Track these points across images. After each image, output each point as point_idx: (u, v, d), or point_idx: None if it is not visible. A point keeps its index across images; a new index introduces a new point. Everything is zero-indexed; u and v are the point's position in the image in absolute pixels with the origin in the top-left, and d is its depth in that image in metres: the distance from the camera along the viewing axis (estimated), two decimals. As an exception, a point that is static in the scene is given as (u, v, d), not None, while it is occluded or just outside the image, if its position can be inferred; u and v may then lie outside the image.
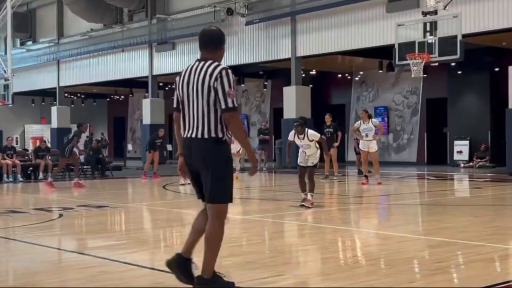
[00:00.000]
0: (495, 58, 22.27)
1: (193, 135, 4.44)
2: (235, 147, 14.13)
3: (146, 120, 28.12)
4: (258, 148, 22.81)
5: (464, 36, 16.47)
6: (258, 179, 17.57)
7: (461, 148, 22.99)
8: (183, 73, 4.57)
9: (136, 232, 8.02)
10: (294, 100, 22.10)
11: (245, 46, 23.69)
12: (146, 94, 29.58)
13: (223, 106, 4.33)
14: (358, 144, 15.79)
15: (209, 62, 4.46)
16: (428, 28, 16.46)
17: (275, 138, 25.75)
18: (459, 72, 22.64)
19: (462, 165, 22.30)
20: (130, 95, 35.20)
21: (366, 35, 20.07)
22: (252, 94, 31.15)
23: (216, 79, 4.35)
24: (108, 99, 39.23)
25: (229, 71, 4.43)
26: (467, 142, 22.86)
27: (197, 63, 4.51)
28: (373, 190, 13.49)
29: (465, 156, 22.79)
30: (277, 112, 27.18)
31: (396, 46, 17.37)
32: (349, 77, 27.14)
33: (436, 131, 24.44)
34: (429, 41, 16.42)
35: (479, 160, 22.04)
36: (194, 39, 25.47)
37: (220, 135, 4.39)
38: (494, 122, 22.09)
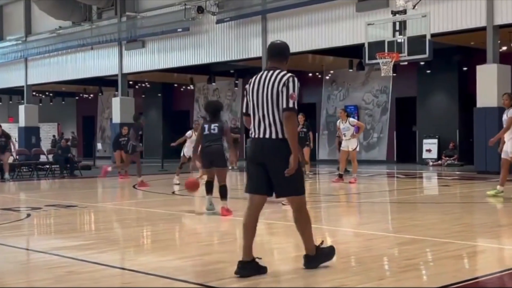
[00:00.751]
0: (463, 58, 22.59)
1: (265, 136, 4.99)
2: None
3: (116, 119, 27.86)
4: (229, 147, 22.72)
5: (432, 35, 16.67)
6: (228, 178, 17.51)
7: (430, 147, 23.28)
8: (253, 81, 5.12)
9: (105, 232, 7.93)
10: (265, 99, 22.07)
11: (216, 45, 23.62)
12: (116, 92, 29.31)
13: (284, 105, 4.93)
14: (340, 142, 15.79)
15: (278, 71, 5.08)
16: (397, 28, 16.62)
17: (246, 137, 25.75)
18: (428, 71, 22.91)
19: (431, 163, 22.57)
20: (100, 94, 34.86)
21: (336, 34, 20.18)
22: (223, 93, 31.11)
23: (284, 84, 4.97)
24: (77, 98, 38.81)
25: (295, 78, 5.08)
26: (435, 141, 23.15)
27: (266, 72, 5.10)
28: (344, 188, 13.57)
29: (434, 154, 23.07)
30: (248, 110, 27.17)
31: (366, 45, 17.50)
32: (319, 76, 27.26)
33: (405, 130, 24.71)
34: (399, 40, 16.58)
35: (447, 158, 22.33)
36: (164, 37, 25.33)
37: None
38: (462, 121, 22.40)
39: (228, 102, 30.84)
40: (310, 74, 27.23)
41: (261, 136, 5.00)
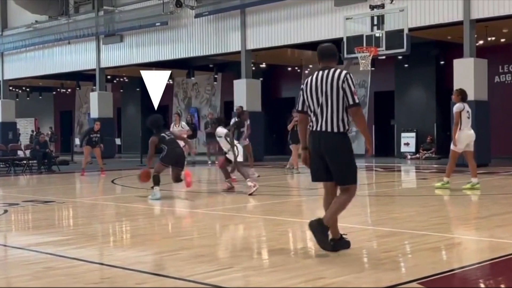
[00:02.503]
0: (440, 52, 22.78)
1: (326, 129, 5.46)
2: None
3: (94, 113, 27.68)
4: (206, 142, 22.72)
5: (410, 29, 16.79)
6: (207, 173, 17.50)
7: (408, 140, 23.45)
8: (310, 81, 5.60)
9: (83, 227, 7.87)
10: (244, 93, 22.10)
11: (195, 39, 23.55)
12: (94, 87, 29.10)
13: (350, 102, 5.41)
14: None
15: (333, 69, 5.53)
16: (375, 22, 16.72)
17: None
18: (406, 65, 23.07)
19: (409, 156, 22.75)
20: (77, 88, 34.57)
21: (315, 28, 20.22)
22: (202, 87, 31.02)
23: (343, 81, 5.42)
24: (54, 92, 38.45)
25: (351, 75, 5.53)
26: (413, 134, 23.33)
27: (322, 71, 5.55)
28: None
29: (411, 148, 23.25)
30: (228, 105, 27.15)
31: (345, 40, 17.57)
32: (298, 71, 27.31)
33: (383, 124, 24.85)
34: (377, 34, 16.67)
35: (425, 152, 22.51)
36: (142, 32, 25.18)
37: (347, 128, 5.50)
38: (440, 114, 22.60)
39: (208, 96, 30.76)
40: (289, 69, 27.27)
41: (321, 129, 5.49)
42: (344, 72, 5.48)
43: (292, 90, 27.71)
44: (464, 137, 11.01)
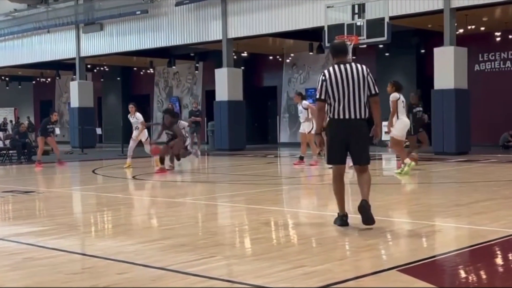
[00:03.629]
0: (421, 40, 22.88)
1: (354, 117, 6.11)
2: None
3: (74, 103, 27.48)
4: (189, 131, 22.63)
5: (391, 18, 16.85)
6: (190, 162, 17.47)
7: (388, 129, 23.53)
8: (333, 72, 6.15)
9: (64, 217, 7.82)
10: (226, 82, 22.06)
11: (175, 28, 23.42)
12: (74, 76, 28.85)
13: (373, 92, 6.20)
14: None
15: (353, 63, 6.25)
16: (356, 11, 16.74)
17: (207, 121, 25.66)
18: (387, 54, 23.14)
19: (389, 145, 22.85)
20: (57, 78, 34.25)
21: (296, 17, 20.20)
22: (183, 76, 30.90)
23: (368, 73, 6.20)
24: (34, 82, 38.07)
25: None
26: (394, 123, 23.42)
27: (343, 65, 6.19)
28: (306, 171, 13.66)
29: (392, 136, 23.34)
30: (209, 94, 27.08)
31: (326, 28, 17.58)
32: (280, 59, 27.29)
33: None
34: (358, 23, 16.70)
35: (406, 140, 22.62)
36: (122, 20, 24.99)
37: (368, 115, 6.17)
38: (420, 102, 22.68)
39: (189, 85, 30.65)
40: (271, 57, 27.24)
41: (350, 117, 6.11)
42: (364, 66, 6.23)
43: (274, 79, 27.70)
44: (404, 125, 11.70)
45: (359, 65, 6.22)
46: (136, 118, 15.60)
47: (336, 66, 6.20)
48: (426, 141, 13.71)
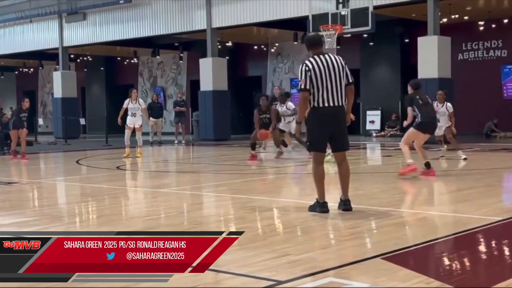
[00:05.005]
0: (405, 30, 22.94)
1: (337, 104, 6.37)
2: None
3: (58, 93, 27.26)
4: (174, 121, 22.58)
5: (375, 7, 16.87)
6: (175, 152, 17.44)
7: (373, 118, 23.67)
8: (316, 63, 6.35)
9: (48, 208, 7.78)
10: (210, 72, 21.99)
11: (159, 17, 23.28)
12: (57, 66, 28.61)
13: (350, 80, 6.50)
14: None
15: (330, 54, 6.51)
16: (340, 0, 16.72)
17: (192, 111, 25.59)
18: (371, 43, 23.18)
19: (374, 134, 22.98)
20: (40, 68, 33.95)
21: (280, 6, 20.16)
22: (168, 66, 30.75)
23: (345, 63, 6.48)
24: (16, 72, 37.69)
25: None
26: (378, 112, 23.55)
27: (322, 56, 6.42)
28: (290, 160, 13.67)
29: (377, 125, 23.49)
30: (194, 84, 26.99)
31: (310, 18, 17.58)
32: (265, 49, 27.24)
33: (349, 102, 24.99)
34: (342, 12, 16.71)
35: (390, 129, 22.77)
36: (106, 10, 24.79)
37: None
38: (405, 92, 22.71)
39: (173, 75, 30.52)
40: (255, 47, 27.18)
41: (335, 104, 6.35)
42: (339, 56, 6.54)
43: (259, 68, 27.66)
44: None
45: (336, 56, 6.52)
46: (139, 104, 15.52)
47: (316, 57, 6.41)
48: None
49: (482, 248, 5.17)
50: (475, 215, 6.26)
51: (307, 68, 6.36)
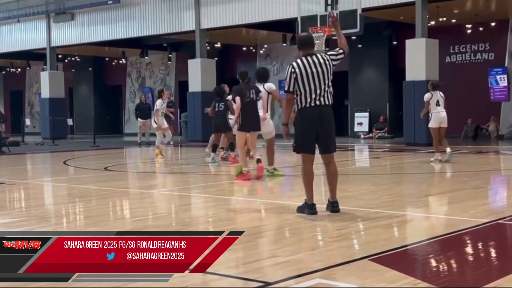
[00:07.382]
0: (393, 32, 23.03)
1: (325, 103, 6.45)
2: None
3: (45, 93, 27.11)
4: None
5: (363, 10, 16.91)
6: (164, 153, 17.34)
7: (361, 120, 23.74)
8: (303, 65, 6.38)
9: (35, 209, 7.74)
10: (199, 73, 21.97)
11: (148, 18, 23.23)
12: (45, 66, 28.46)
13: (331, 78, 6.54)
14: None
15: (318, 54, 6.52)
16: (329, 2, 16.78)
17: (180, 112, 25.53)
18: (359, 45, 23.24)
19: (362, 136, 23.05)
20: (27, 68, 33.76)
21: (269, 8, 20.17)
22: (156, 67, 30.67)
23: (331, 62, 6.49)
24: (3, 72, 37.45)
25: None
26: (367, 114, 23.62)
27: (309, 57, 6.43)
28: (276, 162, 13.65)
29: (365, 127, 23.55)
30: (183, 85, 26.94)
31: (299, 20, 17.59)
32: (253, 50, 27.24)
33: (337, 104, 25.03)
34: (331, 14, 16.70)
35: (378, 131, 22.84)
36: (94, 10, 24.70)
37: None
38: (392, 94, 22.91)
39: (162, 76, 30.45)
40: (244, 48, 27.18)
41: (321, 103, 6.40)
42: (326, 55, 6.51)
43: (248, 70, 27.58)
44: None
45: (324, 55, 6.52)
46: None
47: (304, 58, 6.44)
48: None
49: (469, 249, 5.20)
50: (463, 217, 6.29)
51: (292, 70, 6.42)
